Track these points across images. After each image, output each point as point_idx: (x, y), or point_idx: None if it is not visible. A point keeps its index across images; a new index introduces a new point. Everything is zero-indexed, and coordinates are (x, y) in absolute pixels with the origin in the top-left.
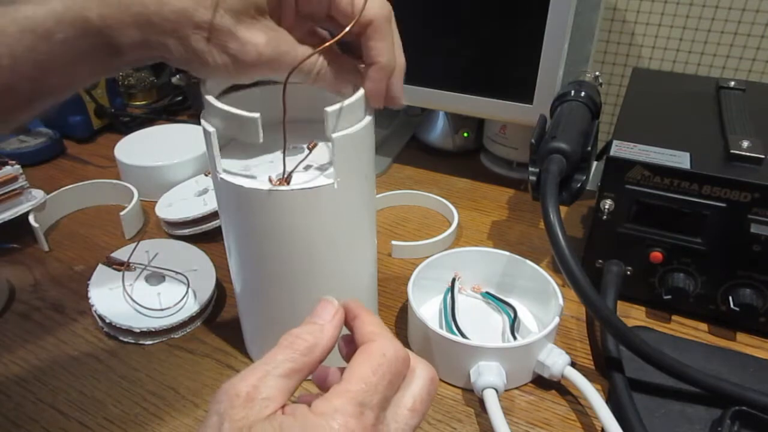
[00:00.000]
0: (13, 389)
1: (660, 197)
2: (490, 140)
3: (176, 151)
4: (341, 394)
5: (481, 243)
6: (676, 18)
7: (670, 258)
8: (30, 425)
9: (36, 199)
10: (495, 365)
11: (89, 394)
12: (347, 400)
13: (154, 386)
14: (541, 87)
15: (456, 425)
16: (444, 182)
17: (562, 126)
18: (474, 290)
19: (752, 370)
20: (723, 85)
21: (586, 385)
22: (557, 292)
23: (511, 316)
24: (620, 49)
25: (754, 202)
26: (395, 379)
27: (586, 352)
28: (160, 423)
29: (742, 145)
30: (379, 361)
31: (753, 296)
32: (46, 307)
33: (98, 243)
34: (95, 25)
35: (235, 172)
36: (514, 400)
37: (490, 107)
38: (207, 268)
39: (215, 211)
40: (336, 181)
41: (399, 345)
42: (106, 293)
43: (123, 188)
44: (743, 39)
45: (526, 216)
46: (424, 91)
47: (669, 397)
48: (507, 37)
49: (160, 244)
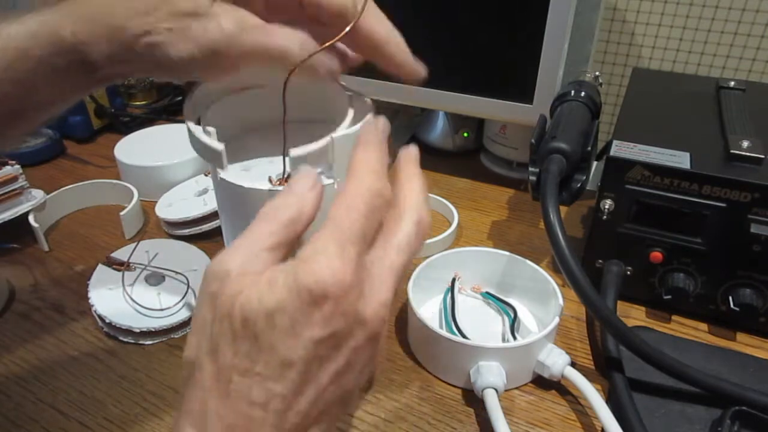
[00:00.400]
0: (13, 389)
1: (660, 197)
2: (490, 140)
3: (176, 151)
4: (319, 237)
5: (481, 243)
6: (676, 18)
7: (670, 258)
8: (30, 425)
9: (36, 199)
10: (495, 365)
11: (89, 394)
12: (325, 242)
13: (154, 386)
14: (541, 87)
15: (456, 425)
16: (444, 182)
17: (562, 126)
18: (474, 290)
19: (752, 370)
20: (723, 85)
21: (586, 385)
22: (557, 292)
23: (511, 316)
24: (620, 49)
25: (754, 202)
26: (372, 212)
27: (586, 352)
28: (160, 423)
29: (742, 145)
30: (352, 198)
31: (753, 296)
32: (46, 307)
33: (98, 243)
34: (69, 41)
35: (235, 172)
36: (514, 400)
37: (490, 107)
38: None
39: (215, 211)
40: (336, 181)
41: (372, 180)
42: (106, 293)
43: (123, 188)
44: (743, 39)
45: (526, 216)
46: (424, 91)
47: (669, 397)
48: (507, 37)
49: (160, 244)
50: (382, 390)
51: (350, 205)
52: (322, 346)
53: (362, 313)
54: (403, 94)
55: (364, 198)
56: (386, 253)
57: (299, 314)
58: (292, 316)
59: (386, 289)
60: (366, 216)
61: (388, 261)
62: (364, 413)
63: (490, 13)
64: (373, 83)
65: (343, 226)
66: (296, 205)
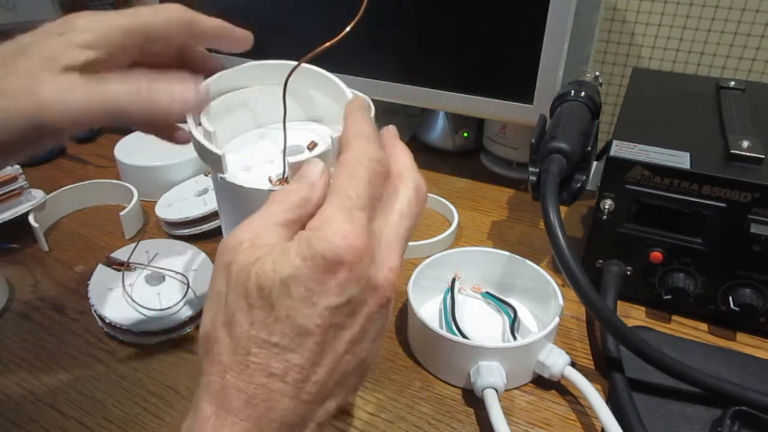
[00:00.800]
0: (13, 389)
1: (660, 197)
2: (490, 140)
3: (176, 151)
4: (326, 207)
5: (481, 243)
6: (676, 18)
7: (670, 258)
8: (30, 425)
9: (36, 199)
10: (495, 365)
11: (89, 394)
12: (333, 210)
13: (154, 386)
14: (541, 87)
15: (456, 425)
16: (444, 182)
17: (562, 126)
18: (474, 290)
19: (752, 370)
20: (723, 85)
21: (586, 385)
22: (557, 292)
23: (511, 316)
24: (620, 49)
25: (754, 202)
26: (374, 178)
27: (586, 352)
28: (160, 423)
29: (742, 145)
30: (354, 166)
31: (753, 296)
32: (46, 307)
33: (98, 243)
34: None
35: (236, 171)
36: (514, 400)
37: (490, 107)
38: (207, 268)
39: (215, 211)
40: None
41: (372, 148)
42: (106, 293)
43: (123, 188)
44: (743, 39)
45: (526, 216)
46: (424, 91)
47: (669, 397)
48: (507, 37)
49: (160, 244)
50: (382, 390)
51: (352, 174)
52: (338, 313)
53: (374, 279)
54: (403, 94)
55: (364, 166)
56: (391, 220)
57: (314, 283)
58: (307, 285)
59: (395, 255)
60: (369, 182)
61: (394, 227)
62: (365, 413)
63: (491, 13)
64: (373, 83)
65: (348, 194)
66: (307, 190)
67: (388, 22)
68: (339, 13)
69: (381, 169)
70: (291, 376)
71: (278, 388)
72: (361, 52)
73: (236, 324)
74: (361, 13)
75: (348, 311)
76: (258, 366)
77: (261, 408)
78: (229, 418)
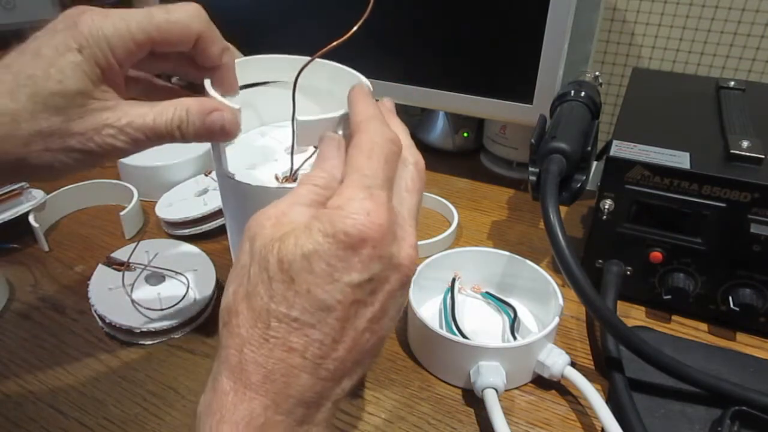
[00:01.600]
0: (13, 389)
1: (660, 197)
2: (490, 140)
3: (176, 151)
4: (346, 186)
5: (481, 243)
6: (676, 18)
7: (670, 258)
8: (30, 425)
9: (36, 199)
10: (495, 365)
11: (89, 394)
12: (354, 189)
13: (154, 386)
14: (541, 87)
15: (456, 425)
16: (444, 182)
17: (562, 126)
18: (474, 290)
19: (752, 370)
20: (723, 85)
21: (586, 385)
22: (557, 292)
23: (511, 316)
24: (620, 49)
25: (754, 202)
26: (390, 158)
27: (586, 352)
28: (160, 423)
29: (742, 145)
30: (370, 146)
31: (753, 296)
32: (46, 307)
33: (98, 243)
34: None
35: (241, 170)
36: (514, 400)
37: (490, 107)
38: (207, 268)
39: (215, 211)
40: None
41: (387, 129)
42: (106, 293)
43: (123, 188)
44: (743, 39)
45: (526, 216)
46: (424, 91)
47: (669, 397)
48: (507, 37)
49: (160, 244)
50: (382, 390)
51: (369, 155)
52: (360, 290)
53: (397, 256)
54: (403, 94)
55: (380, 146)
56: (402, 197)
57: (336, 259)
58: (329, 261)
59: (412, 232)
60: (387, 161)
61: (406, 204)
62: (365, 413)
63: (491, 13)
64: (373, 83)
65: (366, 174)
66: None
67: (388, 22)
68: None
69: (395, 148)
70: (311, 352)
71: (297, 363)
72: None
73: (256, 296)
74: (368, 12)
75: (370, 288)
76: (277, 340)
77: (279, 384)
78: (247, 393)
